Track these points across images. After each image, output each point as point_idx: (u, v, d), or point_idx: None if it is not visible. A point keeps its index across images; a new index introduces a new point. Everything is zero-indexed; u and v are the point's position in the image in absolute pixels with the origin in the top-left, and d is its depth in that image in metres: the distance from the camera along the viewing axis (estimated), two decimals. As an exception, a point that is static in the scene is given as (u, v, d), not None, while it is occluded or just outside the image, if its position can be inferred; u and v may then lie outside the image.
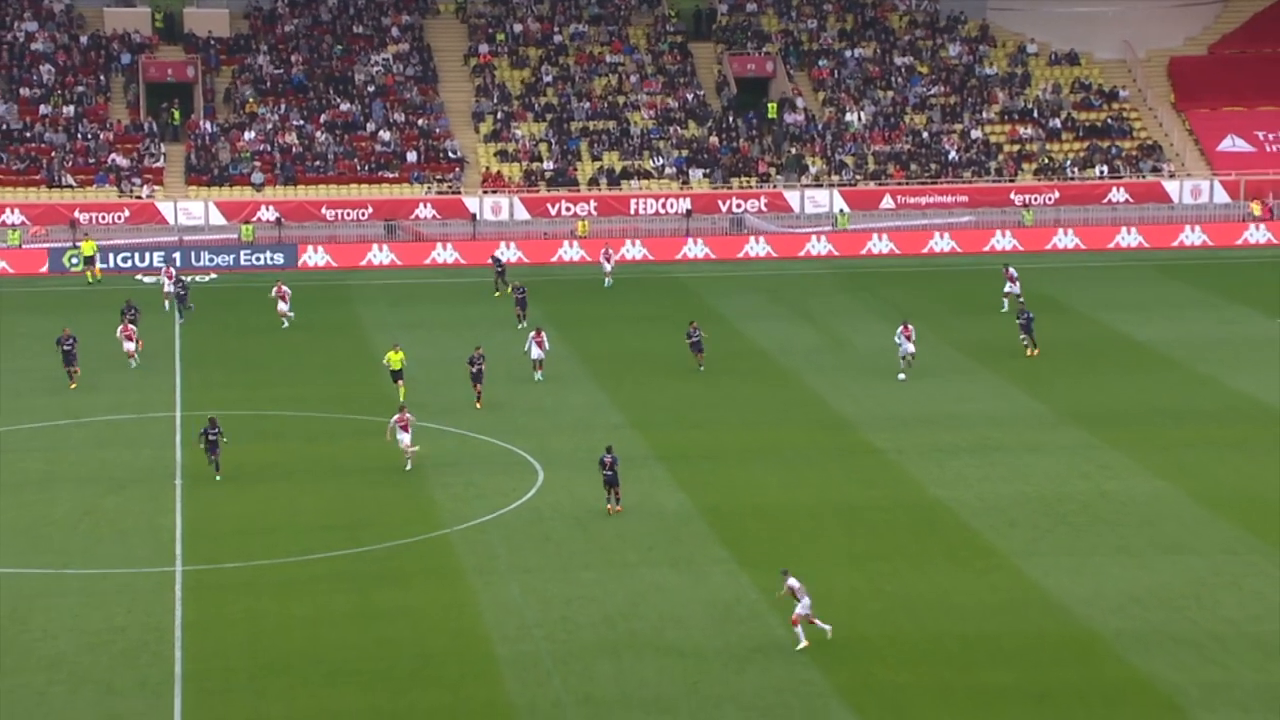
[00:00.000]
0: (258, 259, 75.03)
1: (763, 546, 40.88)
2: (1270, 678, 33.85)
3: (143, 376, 56.76)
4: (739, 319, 64.86)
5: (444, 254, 76.04)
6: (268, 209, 78.52)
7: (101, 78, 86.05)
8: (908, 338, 55.04)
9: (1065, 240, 78.29)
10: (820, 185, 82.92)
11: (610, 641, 35.59)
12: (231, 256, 74.91)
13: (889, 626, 36.38)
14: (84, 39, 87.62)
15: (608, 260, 71.30)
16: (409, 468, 46.03)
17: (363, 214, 79.42)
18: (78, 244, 73.57)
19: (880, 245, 77.73)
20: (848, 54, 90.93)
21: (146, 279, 64.47)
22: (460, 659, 34.87)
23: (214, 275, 73.42)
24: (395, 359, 52.73)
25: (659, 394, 54.39)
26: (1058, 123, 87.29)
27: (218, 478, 45.52)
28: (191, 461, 47.06)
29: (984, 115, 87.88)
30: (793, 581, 34.72)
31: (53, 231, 76.34)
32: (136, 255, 74.32)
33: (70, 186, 79.37)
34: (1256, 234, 79.61)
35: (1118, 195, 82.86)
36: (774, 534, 41.82)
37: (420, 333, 62.37)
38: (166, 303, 65.53)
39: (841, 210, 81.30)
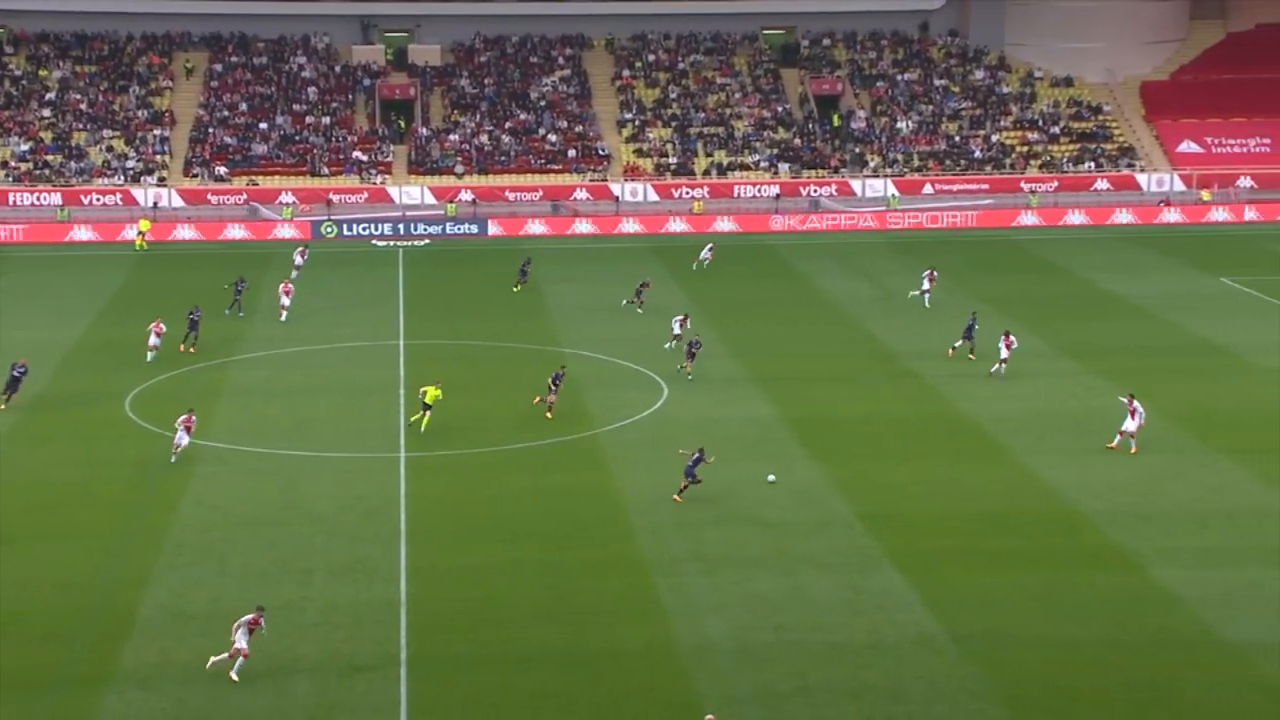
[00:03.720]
0: (459, 229, 75.32)
1: (830, 446, 40.66)
2: (1204, 543, 33.34)
3: (375, 312, 57.21)
4: (813, 276, 64.30)
5: (586, 226, 75.74)
6: (466, 192, 78.78)
7: (349, 96, 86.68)
8: (1008, 346, 46.53)
9: (1074, 218, 76.36)
10: (877, 176, 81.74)
11: (717, 515, 35.58)
12: (440, 227, 75.27)
13: (925, 506, 36.11)
14: (337, 68, 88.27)
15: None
16: (174, 460, 38.47)
17: (535, 196, 79.44)
18: (134, 224, 71.04)
19: (921, 221, 76.44)
20: (899, 77, 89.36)
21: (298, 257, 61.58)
22: (605, 524, 35.03)
23: (428, 240, 73.86)
24: (432, 394, 41.75)
25: (754, 332, 54.09)
26: (1057, 130, 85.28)
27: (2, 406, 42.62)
28: (412, 376, 47.51)
29: (1001, 124, 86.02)
30: None
31: (314, 209, 77.06)
32: (372, 225, 74.95)
33: (326, 175, 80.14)
34: (1217, 214, 77.39)
35: (1102, 184, 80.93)
36: (839, 438, 41.54)
37: (574, 284, 62.34)
38: (296, 273, 61.75)
39: (893, 194, 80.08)
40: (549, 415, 42.76)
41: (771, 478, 37.21)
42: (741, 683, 27.47)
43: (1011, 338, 47.15)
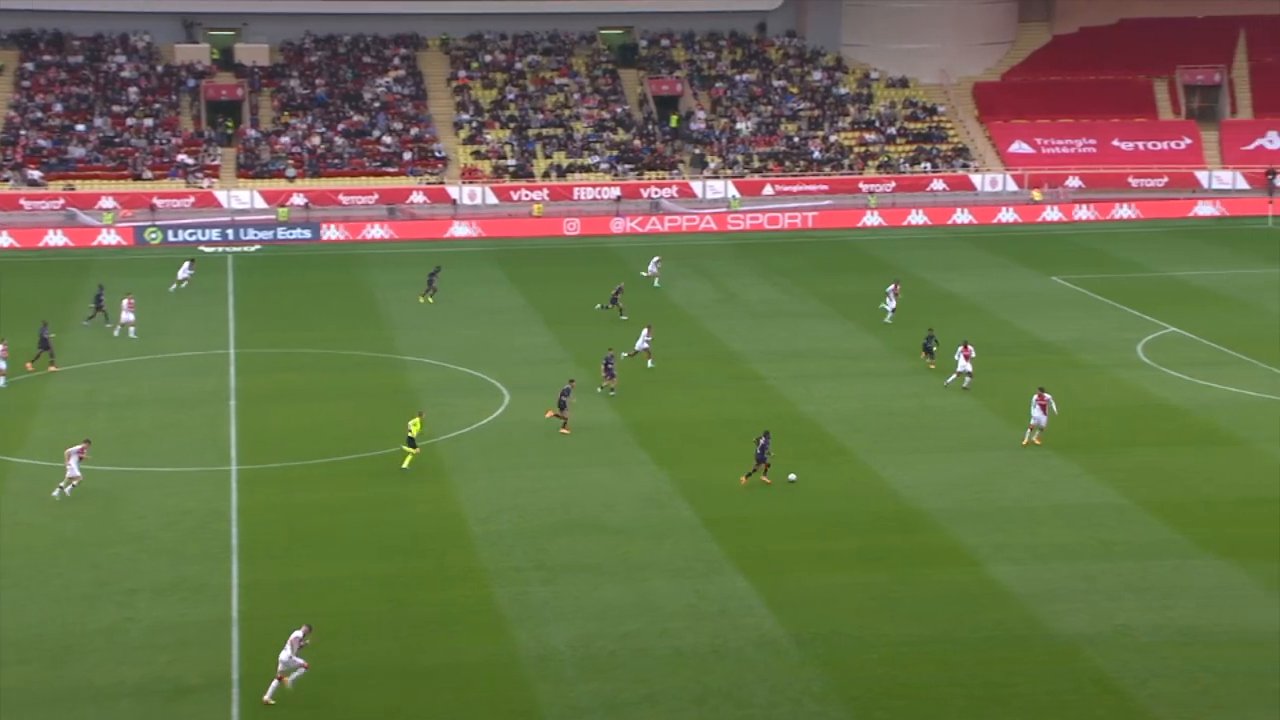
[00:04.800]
0: (291, 234, 73.95)
1: (674, 450, 40.89)
2: (1038, 539, 34.31)
3: (203, 321, 55.94)
4: (655, 278, 64.58)
5: (430, 229, 75.14)
6: (298, 196, 77.42)
7: (173, 97, 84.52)
8: (966, 357, 45.87)
9: (915, 218, 77.92)
10: (717, 177, 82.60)
11: (559, 523, 35.53)
12: (271, 232, 73.84)
13: (768, 509, 36.53)
14: (160, 68, 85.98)
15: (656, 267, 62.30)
16: (60, 494, 36.51)
17: (370, 200, 78.46)
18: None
19: (762, 222, 77.45)
20: (737, 78, 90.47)
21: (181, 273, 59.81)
22: (444, 535, 34.74)
23: (259, 246, 72.41)
24: (417, 426, 39.59)
25: (594, 335, 54.14)
26: (893, 131, 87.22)
27: None
28: (243, 386, 46.53)
29: (839, 125, 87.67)
30: None
31: (137, 214, 74.92)
32: (200, 231, 73.17)
33: (149, 179, 77.96)
34: (1050, 213, 79.87)
35: (938, 185, 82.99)
36: (682, 441, 41.80)
37: (410, 289, 61.80)
38: (177, 285, 60.39)
39: (734, 196, 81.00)
40: (565, 430, 41.81)
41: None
42: (585, 692, 27.46)
43: (970, 348, 46.28)
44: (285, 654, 27.23)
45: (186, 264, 62.01)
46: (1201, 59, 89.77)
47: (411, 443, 38.96)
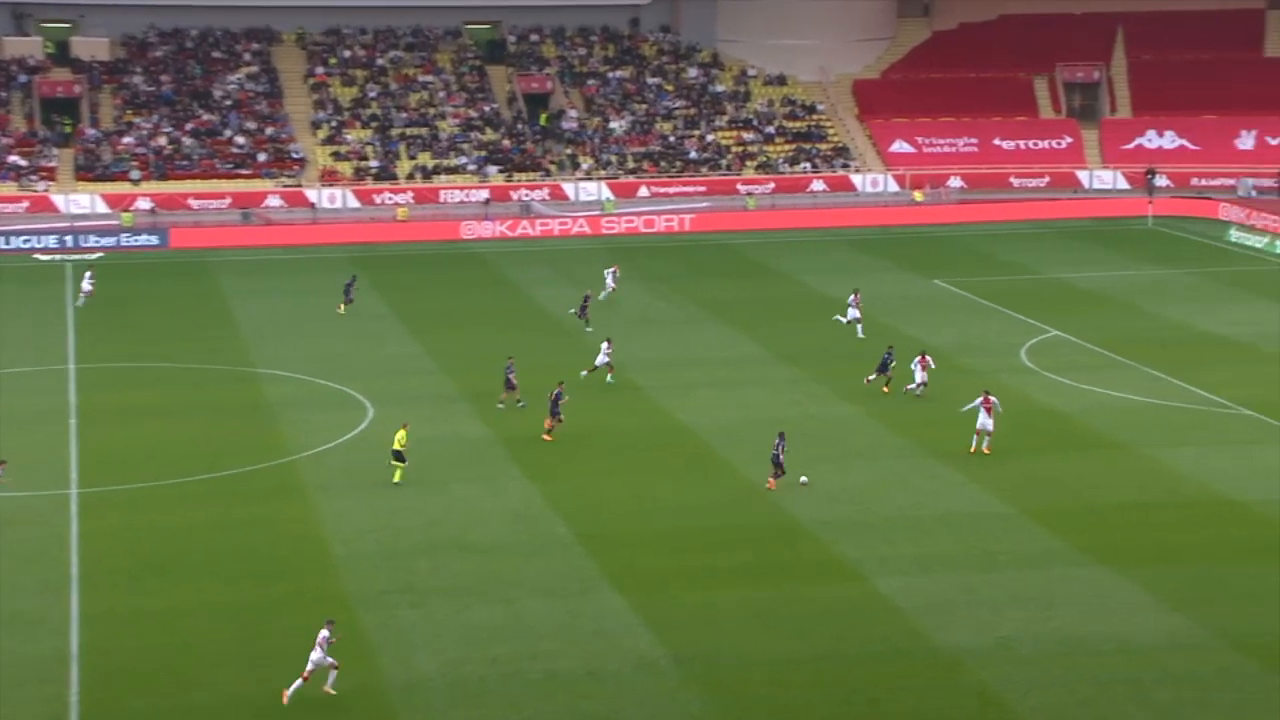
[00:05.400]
0: (136, 240, 72.44)
1: (547, 464, 40.82)
2: (922, 549, 34.87)
3: (38, 334, 54.54)
4: (526, 285, 64.58)
5: (288, 235, 74.20)
6: (144, 200, 75.88)
7: (3, 94, 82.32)
8: (924, 367, 46.45)
9: (793, 220, 78.77)
10: (590, 179, 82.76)
11: (427, 542, 35.27)
12: (114, 239, 72.26)
13: (646, 524, 36.62)
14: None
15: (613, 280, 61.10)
16: None
17: (223, 204, 77.23)
18: None
19: (637, 225, 77.77)
20: (610, 75, 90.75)
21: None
22: (304, 558, 34.27)
23: (101, 253, 70.80)
24: (401, 438, 39.17)
25: (463, 345, 53.92)
26: (772, 130, 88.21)
27: None
28: (84, 403, 45.45)
29: (716, 124, 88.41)
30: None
31: (-36, 219, 72.95)
32: (35, 238, 71.30)
33: (-22, 182, 75.93)
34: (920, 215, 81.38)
35: (818, 185, 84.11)
36: (555, 454, 41.74)
37: (266, 298, 60.90)
38: (81, 299, 59.37)
39: (608, 198, 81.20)
40: (548, 438, 42.20)
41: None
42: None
43: (928, 358, 46.57)
44: (316, 655, 27.67)
45: (88, 274, 60.49)
46: (1081, 56, 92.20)
47: (399, 456, 38.73)
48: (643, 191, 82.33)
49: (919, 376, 46.46)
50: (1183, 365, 50.01)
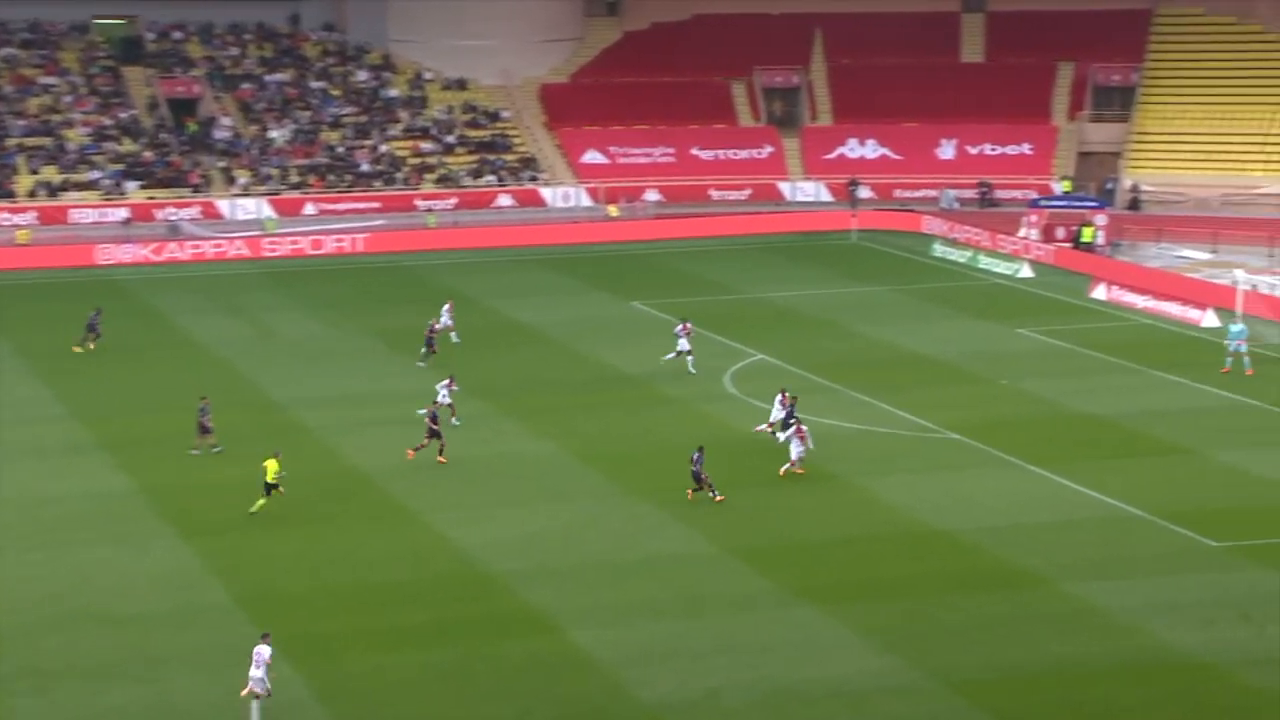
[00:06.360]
0: None
1: (201, 520, 39.58)
2: (625, 596, 35.20)
3: None
4: (175, 315, 62.68)
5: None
6: None
7: None
8: (784, 405, 45.54)
9: (477, 239, 78.65)
10: (248, 195, 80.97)
11: (56, 616, 33.67)
12: None
13: (318, 582, 35.92)
14: None
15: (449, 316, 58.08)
16: None
17: None
18: None
19: (303, 246, 76.43)
20: (268, 78, 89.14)
21: None
22: (-91, 643, 32.19)
23: None
24: (273, 470, 39.58)
25: (97, 386, 51.86)
26: (452, 139, 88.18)
27: None
28: None
29: (390, 132, 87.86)
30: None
31: None
32: None
33: None
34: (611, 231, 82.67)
35: (505, 200, 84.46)
36: (211, 508, 40.53)
37: None
38: None
39: (268, 216, 79.59)
40: (441, 459, 42.99)
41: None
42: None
43: (786, 393, 45.77)
44: (256, 673, 28.86)
45: None
46: (779, 59, 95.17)
47: (267, 489, 39.01)
48: (309, 209, 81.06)
49: (775, 414, 45.58)
50: (889, 388, 52.06)
